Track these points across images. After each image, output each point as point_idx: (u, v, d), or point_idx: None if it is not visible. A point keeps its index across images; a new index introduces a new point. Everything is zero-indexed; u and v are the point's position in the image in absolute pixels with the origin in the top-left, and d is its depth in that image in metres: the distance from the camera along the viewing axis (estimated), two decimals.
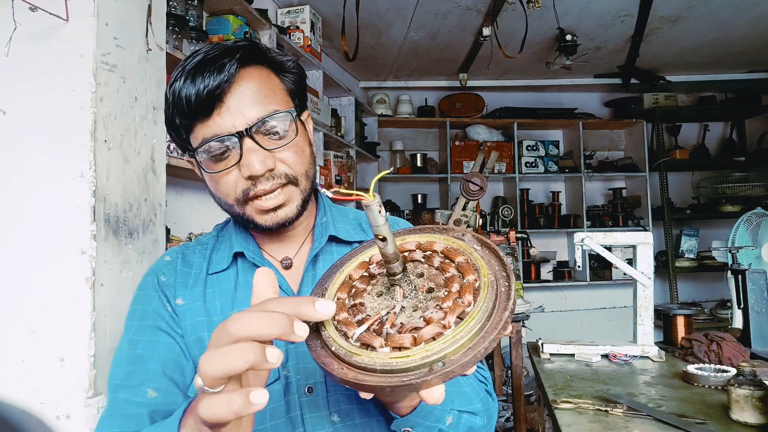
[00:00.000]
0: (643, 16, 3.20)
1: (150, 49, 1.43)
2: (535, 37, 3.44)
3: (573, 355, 1.68)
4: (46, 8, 1.17)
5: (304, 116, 0.79)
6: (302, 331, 0.45)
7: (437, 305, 0.49)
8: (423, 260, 0.54)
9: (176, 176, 1.93)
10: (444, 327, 0.46)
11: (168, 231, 1.69)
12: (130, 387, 0.69)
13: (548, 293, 4.34)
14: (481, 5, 3.07)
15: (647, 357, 1.64)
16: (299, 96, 0.78)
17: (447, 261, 0.53)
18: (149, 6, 1.42)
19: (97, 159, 1.22)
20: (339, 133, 3.47)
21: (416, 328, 0.47)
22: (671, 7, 3.12)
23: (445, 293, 0.50)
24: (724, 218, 4.33)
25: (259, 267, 0.76)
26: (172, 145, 1.68)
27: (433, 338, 0.46)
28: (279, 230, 0.76)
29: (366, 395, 0.48)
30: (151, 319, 0.74)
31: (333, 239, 0.81)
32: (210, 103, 0.68)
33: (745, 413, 1.06)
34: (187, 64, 0.70)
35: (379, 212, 0.47)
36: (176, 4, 1.87)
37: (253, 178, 0.70)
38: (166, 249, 1.53)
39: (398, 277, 0.52)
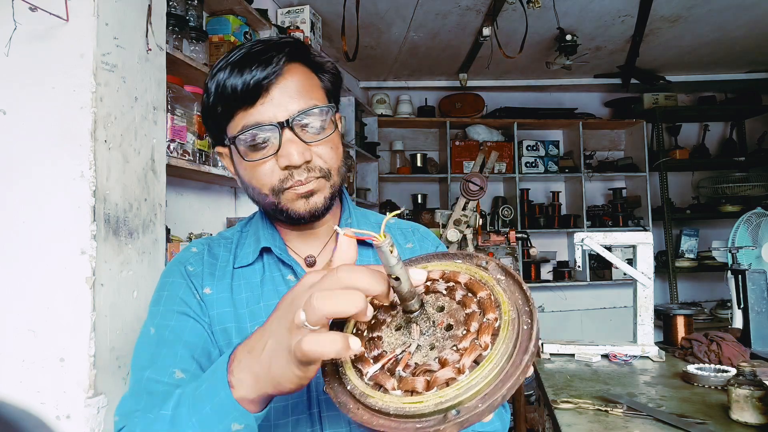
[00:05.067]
0: (643, 16, 3.20)
1: (150, 49, 1.43)
2: (535, 37, 3.44)
3: (573, 355, 1.68)
4: (46, 8, 1.17)
5: (336, 117, 0.81)
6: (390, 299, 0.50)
7: (454, 345, 0.47)
8: (445, 292, 0.52)
9: (176, 176, 1.93)
10: (458, 371, 0.44)
11: (168, 231, 1.69)
12: (157, 367, 0.70)
13: (548, 293, 4.34)
14: (481, 5, 3.07)
15: (647, 357, 1.64)
16: (334, 96, 0.81)
17: (469, 295, 0.51)
18: (149, 6, 1.42)
19: (97, 159, 1.22)
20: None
21: (430, 371, 0.46)
22: (671, 7, 3.12)
23: (464, 332, 0.47)
24: (724, 218, 4.33)
25: (284, 264, 0.79)
26: (172, 145, 1.68)
27: (447, 383, 0.44)
28: (309, 221, 0.78)
29: None
30: (178, 305, 0.75)
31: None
32: (256, 92, 0.71)
33: (745, 413, 1.06)
34: (231, 57, 0.72)
35: (391, 252, 0.46)
36: (176, 4, 1.87)
37: (289, 168, 0.73)
38: (166, 249, 1.53)
39: (415, 314, 0.51)
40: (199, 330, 0.74)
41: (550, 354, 1.70)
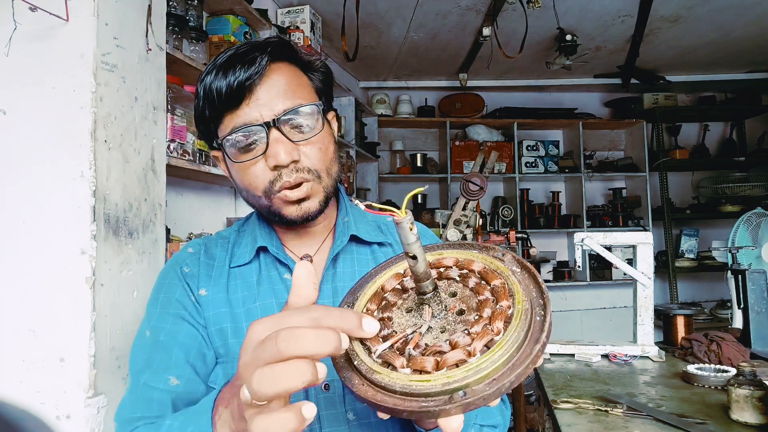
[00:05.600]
0: (643, 16, 3.20)
1: (150, 49, 1.43)
2: (535, 37, 3.44)
3: (573, 355, 1.68)
4: (46, 8, 1.17)
5: (330, 116, 0.81)
6: (347, 345, 0.44)
7: (465, 329, 0.46)
8: (458, 279, 0.52)
9: (176, 176, 1.93)
10: (469, 354, 0.44)
11: (168, 231, 1.69)
12: (153, 372, 0.70)
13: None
14: (481, 5, 3.07)
15: (647, 357, 1.64)
16: (326, 95, 0.81)
17: (483, 283, 0.50)
18: (149, 6, 1.42)
19: (97, 159, 1.22)
20: (339, 133, 3.48)
21: (440, 352, 0.45)
22: (671, 7, 3.12)
23: (476, 317, 0.47)
24: (724, 218, 4.33)
25: (281, 263, 0.78)
26: (172, 145, 1.68)
27: (456, 365, 0.44)
28: (303, 224, 0.78)
29: (383, 415, 0.46)
30: (174, 307, 0.75)
31: (353, 239, 0.83)
32: (240, 94, 0.71)
33: (745, 413, 1.06)
34: (218, 59, 0.73)
35: (411, 230, 0.46)
36: (176, 4, 1.87)
37: (278, 168, 0.72)
38: (166, 249, 1.53)
39: (428, 296, 0.50)
40: (193, 333, 0.74)
41: (550, 354, 1.70)
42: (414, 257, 0.47)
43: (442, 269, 0.54)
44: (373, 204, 0.48)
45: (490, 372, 0.43)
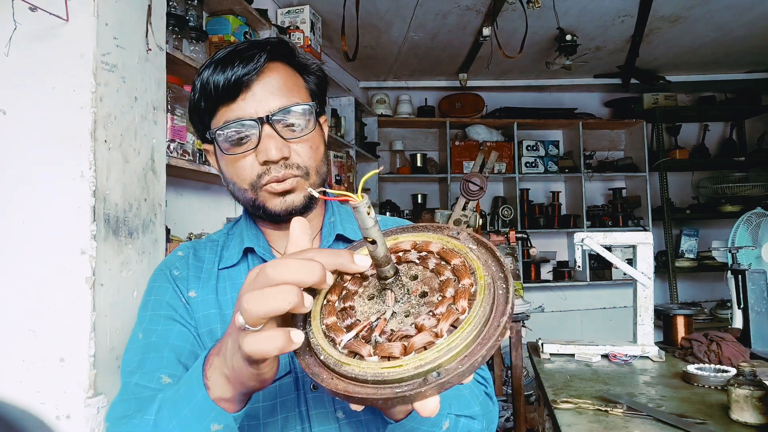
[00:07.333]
0: (643, 16, 3.20)
1: (150, 49, 1.43)
2: (535, 37, 3.44)
3: (573, 355, 1.68)
4: (46, 8, 1.17)
5: (321, 119, 0.83)
6: (331, 281, 0.48)
7: (430, 311, 0.46)
8: (418, 261, 0.51)
9: (176, 176, 1.93)
10: (436, 335, 0.44)
11: (168, 231, 1.69)
12: (145, 372, 0.71)
13: (548, 293, 4.34)
14: (481, 5, 3.07)
15: (647, 357, 1.64)
16: (319, 98, 0.83)
17: (443, 263, 0.50)
18: (149, 6, 1.42)
19: (97, 159, 1.22)
20: (339, 133, 3.47)
21: (407, 336, 0.45)
22: (671, 7, 3.13)
23: (439, 298, 0.47)
24: (724, 218, 4.33)
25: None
26: (172, 145, 1.68)
27: (425, 347, 0.43)
28: (288, 219, 0.77)
29: (357, 407, 0.46)
30: (164, 309, 0.76)
31: (340, 238, 0.83)
32: (237, 88, 0.72)
33: (745, 413, 1.06)
34: (217, 55, 0.74)
35: (368, 214, 0.45)
36: (176, 4, 1.87)
37: (267, 164, 0.73)
38: (166, 249, 1.53)
39: (390, 281, 0.50)
40: (185, 334, 0.74)
41: (550, 354, 1.70)
42: (373, 242, 0.47)
43: (400, 253, 0.53)
44: (327, 190, 0.49)
45: (462, 349, 0.42)
